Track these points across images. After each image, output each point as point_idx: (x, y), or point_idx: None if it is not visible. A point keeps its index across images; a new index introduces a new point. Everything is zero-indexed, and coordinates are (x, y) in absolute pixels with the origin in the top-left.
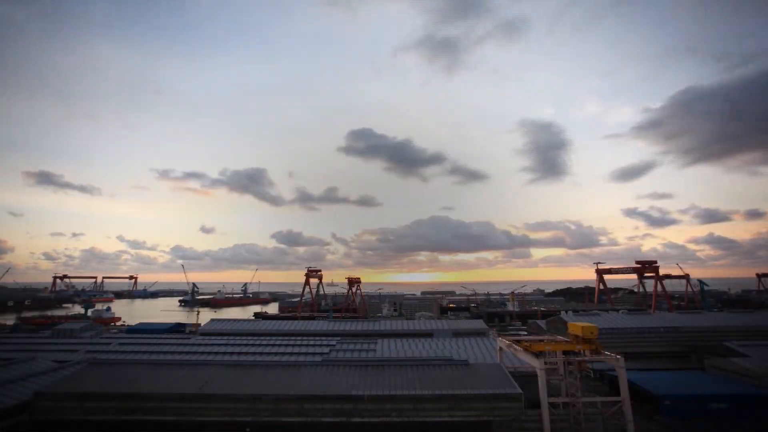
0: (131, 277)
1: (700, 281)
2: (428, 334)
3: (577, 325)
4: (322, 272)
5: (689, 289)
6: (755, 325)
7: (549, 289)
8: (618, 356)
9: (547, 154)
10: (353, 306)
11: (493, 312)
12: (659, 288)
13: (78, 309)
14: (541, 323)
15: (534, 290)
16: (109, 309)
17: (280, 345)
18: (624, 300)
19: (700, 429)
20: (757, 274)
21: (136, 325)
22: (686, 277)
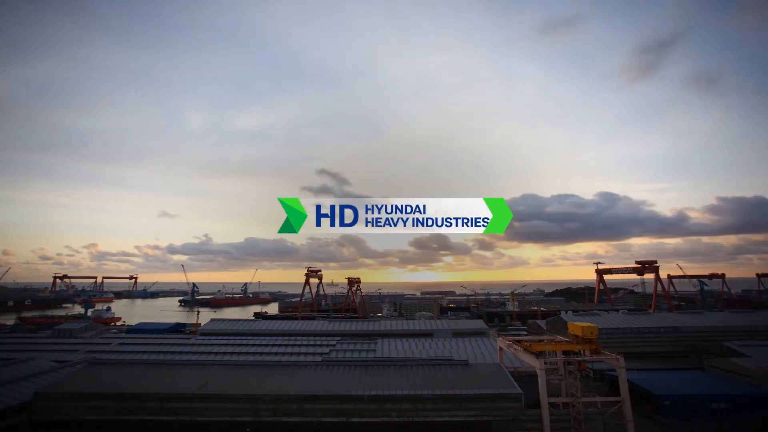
0: (131, 277)
1: (700, 281)
2: (428, 334)
3: (577, 325)
4: (322, 272)
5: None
6: (755, 325)
7: (549, 289)
8: (618, 356)
9: None
10: (353, 306)
11: (493, 312)
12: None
13: (78, 309)
14: (541, 323)
15: (534, 290)
16: (109, 309)
17: (280, 345)
18: (624, 300)
19: (700, 429)
20: (757, 274)
21: (136, 325)
22: (722, 276)
